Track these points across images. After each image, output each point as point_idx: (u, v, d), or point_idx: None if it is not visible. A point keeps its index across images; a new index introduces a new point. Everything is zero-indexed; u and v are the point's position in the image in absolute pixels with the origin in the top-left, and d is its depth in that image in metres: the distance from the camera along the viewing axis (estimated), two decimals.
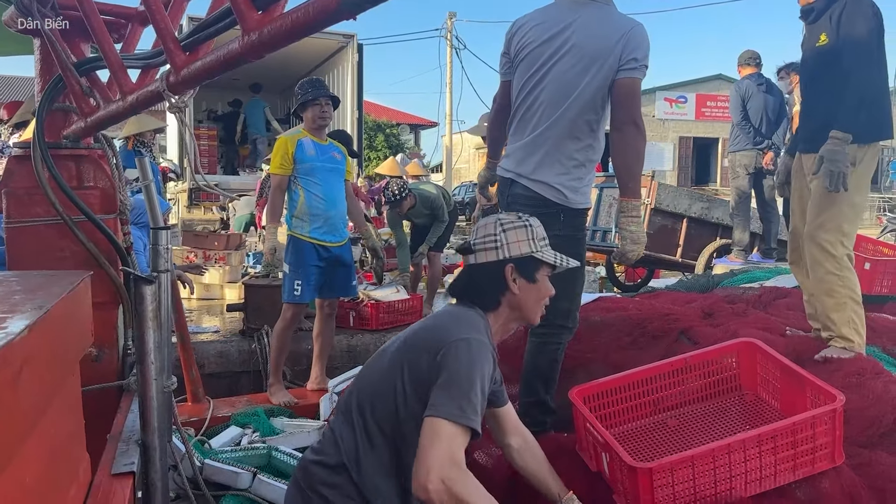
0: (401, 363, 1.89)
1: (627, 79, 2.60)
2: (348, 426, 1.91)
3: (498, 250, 2.00)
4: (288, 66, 10.11)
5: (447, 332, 1.87)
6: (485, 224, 2.06)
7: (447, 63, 20.66)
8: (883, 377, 2.73)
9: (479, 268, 2.03)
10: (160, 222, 2.73)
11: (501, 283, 2.00)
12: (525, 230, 2.02)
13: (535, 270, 2.02)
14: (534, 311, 2.06)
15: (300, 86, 4.46)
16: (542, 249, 2.03)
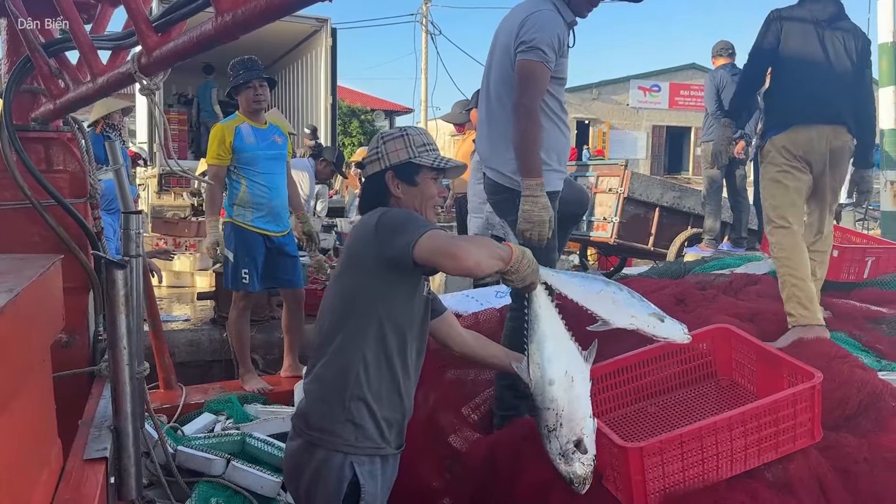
0: (348, 271, 2.11)
1: (518, 62, 2.71)
2: (324, 359, 2.08)
3: (380, 161, 2.15)
4: (261, 49, 9.94)
5: (369, 220, 2.07)
6: (371, 141, 2.25)
7: (422, 49, 20.60)
8: (848, 361, 2.78)
9: (368, 180, 2.20)
10: (131, 206, 2.70)
11: (386, 191, 2.15)
12: (402, 139, 2.16)
13: (414, 174, 2.14)
14: (424, 212, 2.18)
15: (232, 67, 4.25)
16: (421, 155, 2.15)
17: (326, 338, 2.09)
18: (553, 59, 2.70)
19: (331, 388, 2.04)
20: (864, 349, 3.18)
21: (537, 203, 2.64)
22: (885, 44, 7.47)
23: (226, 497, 2.95)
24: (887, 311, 3.58)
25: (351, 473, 1.99)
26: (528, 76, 2.69)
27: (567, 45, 2.81)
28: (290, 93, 11.11)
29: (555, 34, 2.69)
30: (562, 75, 2.81)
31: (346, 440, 2.00)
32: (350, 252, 2.14)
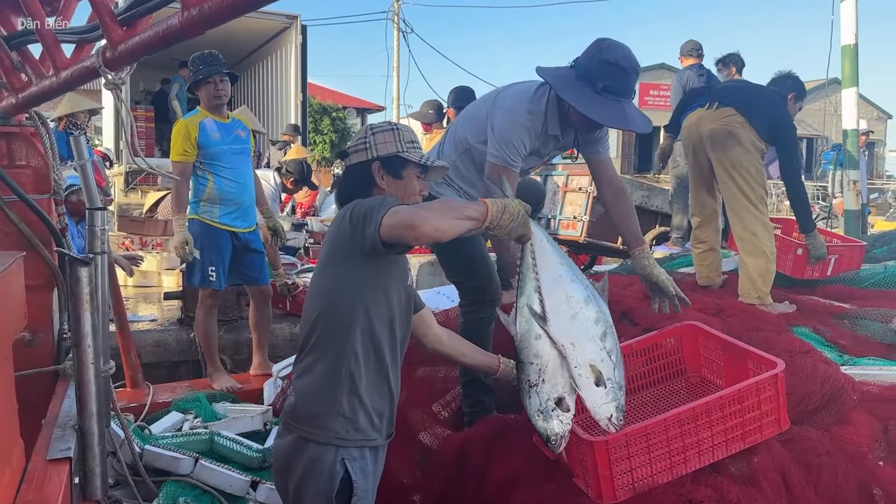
0: (329, 263, 2.11)
1: (488, 160, 2.79)
2: (310, 356, 2.08)
3: (367, 151, 2.17)
4: (229, 46, 9.89)
5: (343, 213, 2.09)
6: (359, 131, 2.27)
7: (394, 46, 20.52)
8: (812, 356, 2.83)
9: (352, 168, 2.21)
10: (96, 203, 2.65)
11: (370, 181, 2.16)
12: (392, 133, 2.19)
13: (401, 168, 2.17)
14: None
15: (192, 62, 4.15)
16: (408, 150, 2.18)
17: (312, 333, 2.08)
18: (519, 162, 2.74)
19: (321, 383, 2.03)
20: (827, 344, 3.25)
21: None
22: (847, 46, 7.62)
23: (194, 496, 2.92)
24: (850, 307, 3.65)
25: (343, 470, 1.99)
26: (494, 171, 2.73)
27: (538, 144, 2.81)
28: (259, 90, 11.02)
29: (521, 143, 2.71)
30: (523, 167, 2.86)
31: (337, 433, 2.00)
32: (329, 247, 2.14)
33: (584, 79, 2.58)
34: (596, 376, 2.10)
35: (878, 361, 3.09)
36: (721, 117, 3.74)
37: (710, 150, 3.78)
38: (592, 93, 2.56)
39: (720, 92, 4.00)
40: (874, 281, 4.02)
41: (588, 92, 2.56)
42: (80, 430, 2.05)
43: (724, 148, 3.71)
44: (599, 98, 2.56)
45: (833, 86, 8.83)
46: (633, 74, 2.61)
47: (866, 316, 3.47)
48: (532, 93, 2.76)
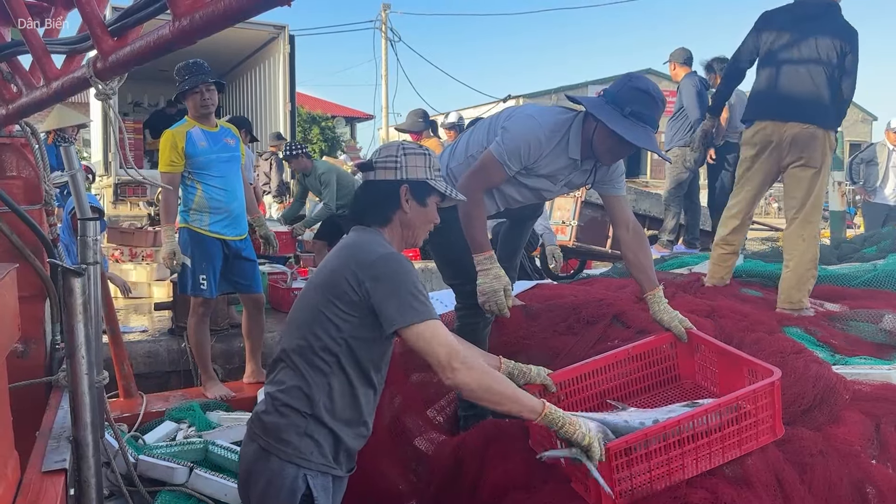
0: (326, 297, 2.02)
1: (487, 148, 2.81)
2: (290, 369, 2.04)
3: (397, 171, 2.12)
4: (218, 56, 9.90)
5: (363, 255, 2.03)
6: (388, 146, 2.19)
7: (382, 55, 20.54)
8: (804, 356, 2.85)
9: (376, 184, 2.16)
10: (87, 213, 2.64)
11: (395, 202, 2.13)
12: (423, 158, 2.15)
13: (426, 195, 2.15)
14: (420, 233, 2.21)
15: (177, 72, 4.14)
16: (436, 178, 2.16)
17: (293, 346, 2.05)
18: (515, 167, 2.74)
19: (292, 401, 2.00)
20: (819, 344, 3.27)
21: (489, 274, 2.72)
22: None
23: None
24: (841, 309, 3.68)
25: (304, 486, 1.97)
26: (482, 166, 2.76)
27: (547, 164, 2.79)
28: (248, 100, 11.02)
29: (527, 145, 2.71)
30: (527, 183, 2.86)
31: (301, 453, 1.98)
32: (334, 273, 2.05)
33: (612, 103, 2.66)
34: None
35: (870, 361, 3.11)
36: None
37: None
38: (620, 115, 2.62)
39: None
40: (864, 280, 4.05)
41: (616, 114, 2.63)
42: (75, 441, 2.05)
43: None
44: (627, 121, 2.62)
45: None
46: (661, 104, 2.67)
47: (857, 317, 3.50)
48: (558, 112, 2.82)
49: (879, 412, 2.63)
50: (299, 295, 2.18)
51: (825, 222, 10.70)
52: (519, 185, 2.87)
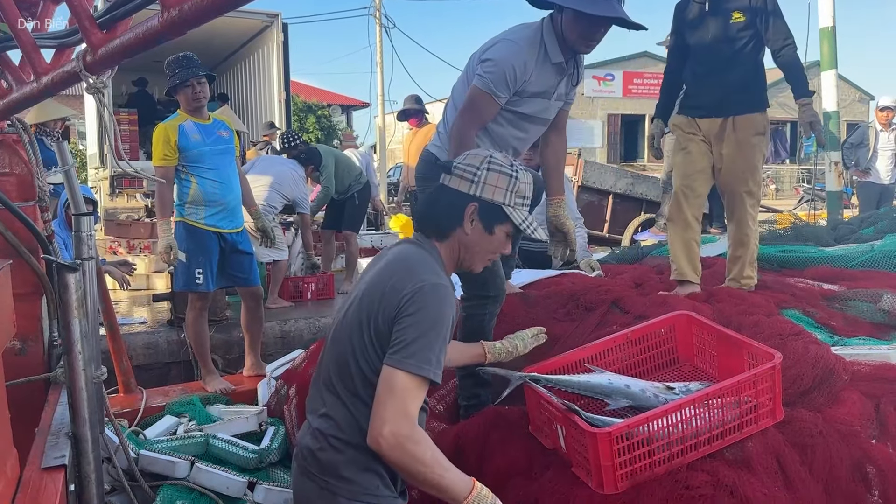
0: (363, 318, 1.84)
1: (471, 85, 2.69)
2: (334, 398, 1.86)
3: (472, 184, 1.90)
4: (210, 46, 9.84)
5: (407, 275, 1.82)
6: (476, 154, 1.96)
7: (377, 42, 20.41)
8: (802, 338, 2.85)
9: (446, 191, 1.94)
10: (82, 208, 2.64)
11: (458, 218, 1.90)
12: (508, 179, 1.91)
13: (496, 221, 1.92)
14: (477, 260, 1.99)
15: (168, 66, 4.11)
16: (516, 207, 1.92)
17: (340, 374, 1.87)
18: (504, 94, 2.64)
19: (347, 435, 1.83)
20: (817, 326, 3.27)
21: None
22: (826, 28, 7.69)
23: (191, 499, 2.92)
24: (839, 289, 3.68)
25: None
26: (470, 102, 2.66)
27: (536, 81, 2.70)
28: (242, 90, 10.96)
29: (511, 68, 2.61)
30: (519, 110, 2.75)
31: (366, 489, 1.82)
32: (373, 290, 1.86)
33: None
34: None
35: (868, 341, 3.11)
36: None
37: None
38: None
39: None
40: (862, 261, 4.05)
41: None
42: (74, 437, 2.05)
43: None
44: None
45: (813, 69, 8.90)
46: None
47: (855, 297, 3.49)
48: (526, 27, 2.74)
49: (879, 392, 2.64)
50: (343, 303, 2.02)
51: (822, 203, 10.71)
52: (516, 120, 2.77)
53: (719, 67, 3.58)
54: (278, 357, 4.55)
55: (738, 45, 3.54)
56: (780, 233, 5.28)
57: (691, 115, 3.70)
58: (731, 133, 3.56)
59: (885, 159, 8.19)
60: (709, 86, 3.62)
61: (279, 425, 3.48)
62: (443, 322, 1.78)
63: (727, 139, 3.58)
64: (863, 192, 8.62)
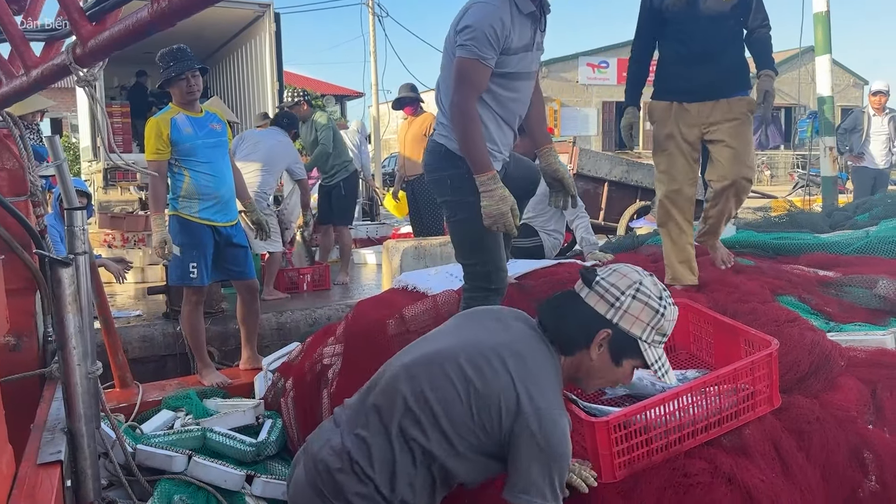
0: (460, 391, 1.70)
1: (455, 59, 2.64)
2: (382, 433, 1.74)
3: (612, 308, 1.76)
4: (202, 38, 9.77)
5: (530, 391, 1.68)
6: (626, 273, 1.81)
7: (370, 31, 20.29)
8: (798, 324, 2.86)
9: (581, 306, 1.79)
10: (74, 203, 2.62)
11: (586, 340, 1.77)
12: (653, 314, 1.77)
13: (627, 355, 1.79)
14: (593, 385, 1.92)
15: (161, 58, 4.07)
16: (652, 343, 1.79)
17: (405, 418, 1.73)
18: (491, 55, 2.60)
19: (375, 474, 1.72)
20: (813, 312, 3.27)
21: (494, 196, 2.60)
22: (820, 13, 7.67)
23: (189, 493, 2.91)
24: (834, 275, 3.68)
25: None
26: (461, 75, 2.63)
27: (517, 37, 2.65)
28: (234, 81, 10.89)
29: (491, 28, 2.57)
30: (508, 69, 2.69)
31: None
32: (486, 372, 1.71)
33: None
34: None
35: (864, 327, 3.12)
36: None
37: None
38: None
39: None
40: (857, 247, 4.05)
41: None
42: (70, 433, 2.04)
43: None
44: None
45: (808, 54, 8.90)
46: None
47: (851, 283, 3.50)
48: None
49: (875, 378, 2.65)
50: (435, 335, 1.91)
51: (817, 188, 10.72)
52: (507, 81, 2.72)
53: (715, 48, 3.42)
54: (275, 349, 4.54)
55: (731, 24, 3.45)
56: (775, 220, 5.29)
57: (678, 99, 3.49)
58: (727, 114, 3.42)
59: (879, 143, 8.19)
60: (702, 67, 3.42)
61: (276, 418, 3.48)
62: (566, 460, 1.69)
63: (722, 123, 3.42)
64: (857, 176, 8.63)
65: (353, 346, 3.26)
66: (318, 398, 3.27)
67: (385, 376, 1.84)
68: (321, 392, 3.27)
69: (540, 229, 4.80)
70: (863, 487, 2.29)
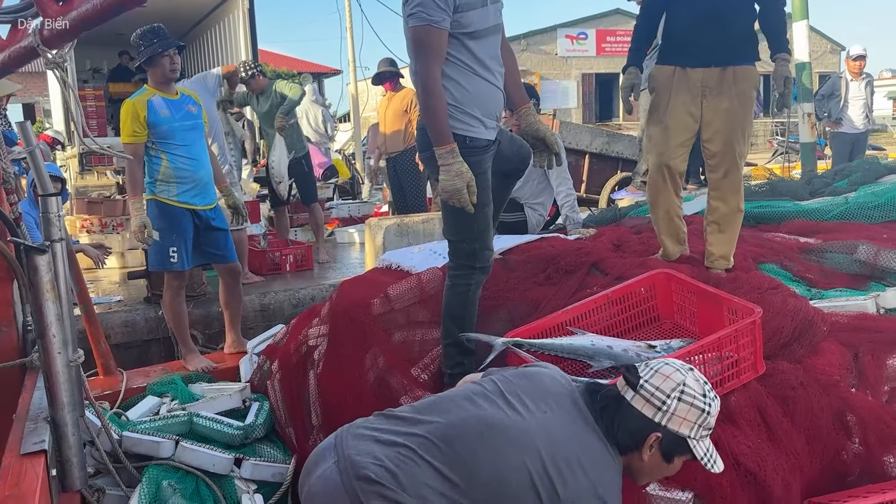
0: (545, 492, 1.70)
1: (408, 30, 2.60)
2: (433, 489, 1.72)
3: (659, 412, 1.77)
4: (175, 18, 9.60)
5: (604, 493, 1.73)
6: (668, 375, 1.80)
7: (345, 7, 20.01)
8: (781, 291, 2.88)
9: (629, 410, 1.80)
10: (49, 189, 2.57)
11: (638, 442, 1.79)
12: (699, 414, 1.77)
13: (677, 453, 1.81)
14: (645, 480, 1.95)
15: (142, 36, 3.98)
16: (700, 439, 1.80)
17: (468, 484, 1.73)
18: (442, 17, 2.54)
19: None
20: (795, 279, 3.30)
21: (450, 171, 2.56)
22: None
23: (177, 478, 2.90)
24: (815, 242, 3.71)
25: None
26: (416, 45, 2.58)
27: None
28: (209, 61, 10.73)
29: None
30: (472, 28, 2.64)
31: None
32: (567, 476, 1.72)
33: None
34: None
35: (845, 292, 3.15)
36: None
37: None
38: None
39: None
40: (837, 213, 4.09)
41: None
42: (53, 422, 2.02)
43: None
44: None
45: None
46: None
47: (831, 249, 3.53)
48: None
49: (857, 342, 2.68)
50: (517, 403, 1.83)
51: (796, 155, 10.78)
52: (470, 41, 2.66)
53: (723, 11, 3.22)
54: (259, 331, 4.50)
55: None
56: (755, 189, 5.31)
57: (683, 64, 3.30)
58: (732, 85, 3.24)
59: (857, 108, 8.25)
60: (710, 32, 3.22)
61: (263, 401, 3.46)
62: None
63: (726, 92, 3.24)
64: (836, 142, 8.68)
65: (339, 326, 3.25)
66: (304, 379, 3.26)
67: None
68: (308, 373, 3.26)
69: (525, 203, 4.79)
70: (847, 449, 2.33)
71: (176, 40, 4.04)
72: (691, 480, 2.13)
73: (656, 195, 3.46)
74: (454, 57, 2.65)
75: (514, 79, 2.93)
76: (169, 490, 2.82)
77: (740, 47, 3.26)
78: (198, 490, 2.91)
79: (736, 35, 3.25)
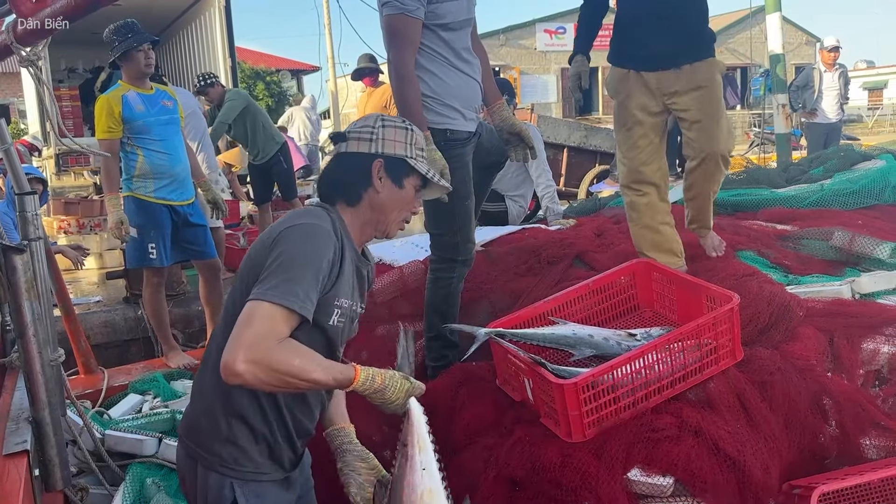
0: (241, 281, 1.76)
1: (382, 19, 2.61)
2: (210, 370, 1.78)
3: (372, 143, 1.88)
4: (150, 15, 9.51)
5: (281, 224, 1.78)
6: (366, 117, 1.95)
7: (323, 3, 19.93)
8: (757, 278, 2.92)
9: (348, 157, 1.90)
10: (25, 188, 2.54)
11: (367, 178, 1.86)
12: (405, 133, 1.91)
13: (403, 175, 1.89)
14: (392, 221, 1.93)
15: (116, 31, 3.96)
16: (417, 158, 1.91)
17: (214, 345, 1.81)
18: (416, 6, 2.55)
19: (211, 402, 1.78)
20: (772, 266, 3.34)
21: (434, 155, 2.54)
22: None
23: (162, 475, 2.89)
24: (791, 229, 3.76)
25: (231, 495, 1.75)
26: (390, 33, 2.60)
27: None
28: (185, 60, 10.66)
29: None
30: (446, 20, 2.65)
31: (223, 460, 1.76)
32: (249, 255, 1.80)
33: None
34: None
35: (821, 278, 3.20)
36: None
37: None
38: None
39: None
40: (812, 200, 4.14)
41: None
42: (35, 422, 2.01)
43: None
44: None
45: (760, 14, 9.00)
46: None
47: (807, 235, 3.57)
48: None
49: (832, 327, 2.72)
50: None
51: (772, 146, 10.89)
52: (450, 31, 2.68)
53: (677, 8, 3.03)
54: None
55: None
56: (733, 177, 5.36)
57: (636, 67, 3.11)
58: (690, 83, 3.02)
59: (831, 99, 8.35)
60: (660, 30, 3.01)
61: None
62: (312, 258, 1.68)
63: (686, 93, 3.03)
64: (810, 132, 8.79)
65: None
66: None
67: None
68: None
69: (506, 195, 4.81)
70: (824, 432, 2.37)
71: (150, 35, 4.02)
72: (672, 466, 2.16)
73: (634, 214, 3.21)
74: (431, 49, 2.67)
75: (486, 74, 2.94)
76: (153, 487, 2.81)
77: (693, 43, 3.05)
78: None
79: (691, 31, 3.05)
